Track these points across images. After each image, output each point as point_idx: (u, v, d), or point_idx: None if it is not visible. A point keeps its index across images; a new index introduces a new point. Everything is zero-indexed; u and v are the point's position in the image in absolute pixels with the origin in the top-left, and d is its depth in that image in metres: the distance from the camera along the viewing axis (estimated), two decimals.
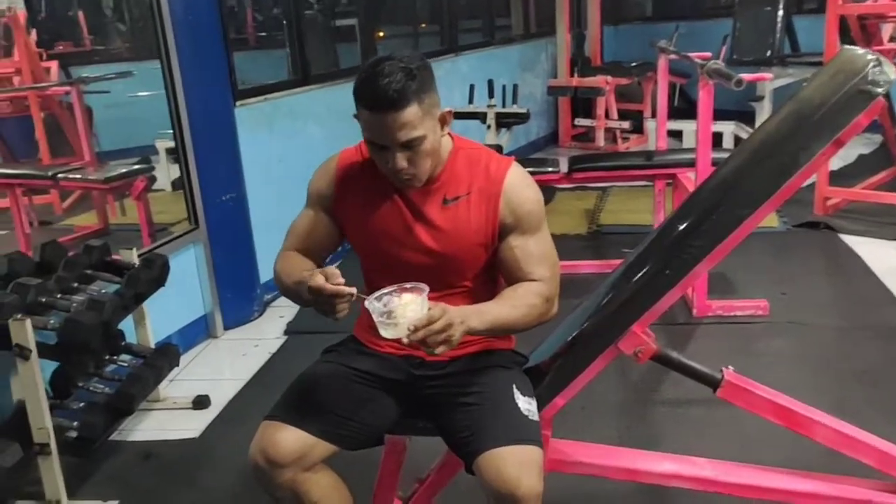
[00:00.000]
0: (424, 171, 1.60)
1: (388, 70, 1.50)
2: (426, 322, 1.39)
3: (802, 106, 1.52)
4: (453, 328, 1.41)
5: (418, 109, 1.51)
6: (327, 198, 1.73)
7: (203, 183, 3.44)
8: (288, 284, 1.62)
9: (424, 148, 1.55)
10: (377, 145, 1.55)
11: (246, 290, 3.75)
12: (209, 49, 3.46)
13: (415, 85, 1.50)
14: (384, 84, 1.48)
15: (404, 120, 1.50)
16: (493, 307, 1.57)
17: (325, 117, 4.40)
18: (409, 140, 1.52)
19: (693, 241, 1.54)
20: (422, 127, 1.53)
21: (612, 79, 6.72)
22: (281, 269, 1.68)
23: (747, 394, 1.72)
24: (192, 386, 3.11)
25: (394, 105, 1.48)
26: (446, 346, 1.42)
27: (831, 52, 4.50)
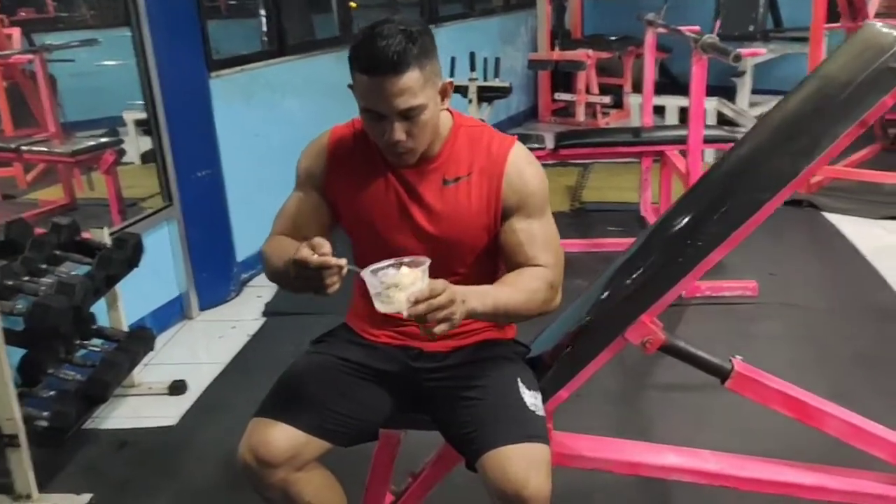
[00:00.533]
0: (422, 144, 1.50)
1: (388, 32, 1.39)
2: (428, 294, 1.28)
3: (826, 84, 1.44)
4: (455, 305, 1.31)
5: (419, 75, 1.41)
6: (318, 177, 1.61)
7: (177, 158, 3.29)
8: (277, 267, 1.50)
9: (424, 119, 1.45)
10: (373, 114, 1.44)
11: (222, 269, 3.62)
12: (182, 16, 3.30)
13: (416, 49, 1.40)
14: (383, 46, 1.37)
15: (404, 85, 1.39)
16: (495, 289, 1.47)
17: (304, 90, 4.25)
18: (409, 108, 1.42)
19: (708, 228, 1.46)
20: (422, 95, 1.42)
21: (594, 52, 6.61)
22: (270, 253, 1.56)
23: (757, 385, 1.65)
24: (167, 370, 2.99)
25: (393, 68, 1.38)
26: (447, 324, 1.31)
27: (819, 28, 4.45)
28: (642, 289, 1.53)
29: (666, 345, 1.63)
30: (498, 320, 1.59)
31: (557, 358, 1.62)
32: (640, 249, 1.65)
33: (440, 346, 1.60)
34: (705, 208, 1.49)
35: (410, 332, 1.62)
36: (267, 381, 1.67)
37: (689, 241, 1.48)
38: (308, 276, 1.32)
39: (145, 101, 3.18)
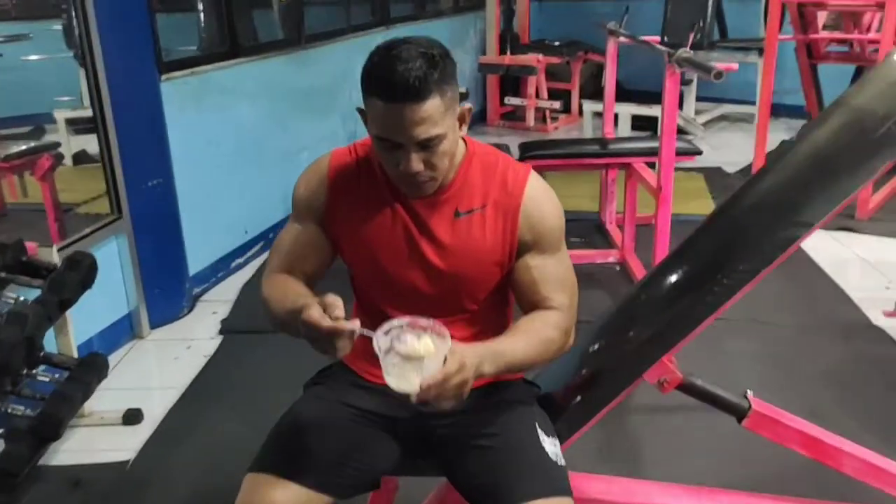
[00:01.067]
0: (442, 174, 1.39)
1: (407, 55, 1.28)
2: (442, 379, 1.19)
3: (861, 117, 1.38)
4: (467, 385, 1.23)
5: (440, 103, 1.30)
6: (318, 207, 1.49)
7: (126, 168, 3.08)
8: (279, 314, 1.38)
9: (443, 148, 1.34)
10: (389, 143, 1.33)
11: (174, 284, 3.42)
12: (131, 13, 3.09)
13: (437, 74, 1.29)
14: (403, 70, 1.26)
15: (425, 113, 1.28)
16: (509, 346, 1.36)
17: (256, 95, 4.07)
18: (429, 138, 1.31)
19: (738, 265, 1.39)
20: (443, 123, 1.32)
21: (544, 57, 6.58)
22: (269, 296, 1.42)
23: (775, 424, 1.60)
24: (120, 397, 2.78)
25: (414, 96, 1.27)
26: (455, 401, 1.23)
27: (773, 39, 4.49)
28: (667, 329, 1.45)
29: (683, 384, 1.56)
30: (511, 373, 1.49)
31: (572, 400, 1.53)
32: (656, 285, 1.57)
33: None
34: (735, 244, 1.42)
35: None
36: (227, 408, 1.54)
37: (718, 278, 1.41)
38: (316, 339, 1.22)
39: (93, 106, 2.95)
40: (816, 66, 5.21)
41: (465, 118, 1.41)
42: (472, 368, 1.23)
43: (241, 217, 3.98)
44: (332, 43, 4.91)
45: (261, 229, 4.15)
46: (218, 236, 3.80)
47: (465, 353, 1.23)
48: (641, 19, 5.86)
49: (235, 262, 3.93)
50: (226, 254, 3.86)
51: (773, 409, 1.61)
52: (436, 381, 1.18)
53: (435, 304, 1.46)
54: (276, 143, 4.23)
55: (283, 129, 4.31)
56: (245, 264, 4.00)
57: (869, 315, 3.28)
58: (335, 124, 4.93)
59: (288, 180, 4.78)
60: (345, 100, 5.04)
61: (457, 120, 1.38)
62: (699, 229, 1.59)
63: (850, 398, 2.69)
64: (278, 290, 1.41)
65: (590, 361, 1.56)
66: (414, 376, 1.20)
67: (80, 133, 3.31)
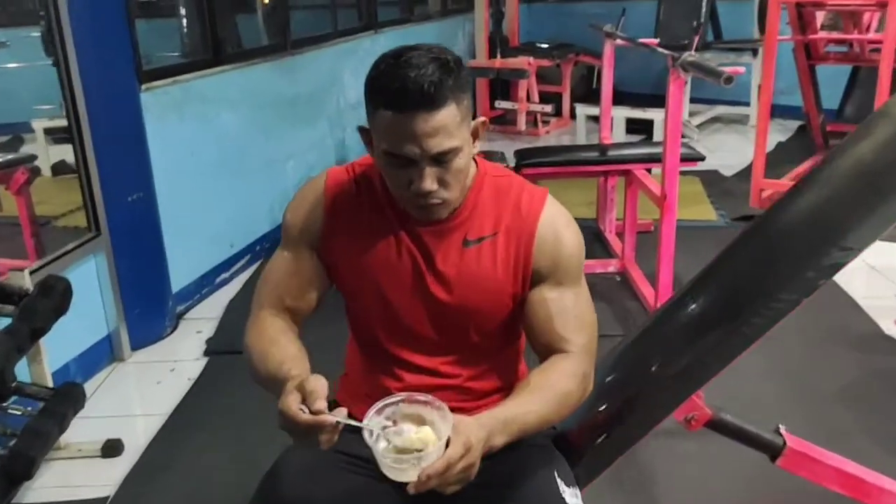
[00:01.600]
0: (456, 195, 1.26)
1: (418, 61, 1.16)
2: (444, 468, 1.04)
3: None
4: (474, 468, 1.08)
5: (456, 112, 1.18)
6: (314, 233, 1.34)
7: (105, 182, 2.92)
8: (260, 373, 1.24)
9: (459, 164, 1.21)
10: (399, 160, 1.19)
11: (156, 303, 3.26)
12: (108, 20, 2.93)
13: (452, 80, 1.17)
14: (415, 76, 1.14)
15: (439, 123, 1.16)
16: (520, 409, 1.21)
17: (241, 103, 3.92)
18: (443, 151, 1.18)
19: (780, 294, 1.26)
20: (459, 135, 1.19)
21: (534, 60, 6.45)
22: (252, 347, 1.28)
23: (812, 462, 1.47)
24: (99, 426, 2.62)
25: (429, 103, 1.15)
26: (461, 485, 1.09)
27: (772, 40, 4.38)
28: (697, 364, 1.32)
29: (712, 420, 1.43)
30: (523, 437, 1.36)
31: (591, 442, 1.39)
32: (681, 313, 1.43)
33: None
34: (774, 270, 1.28)
35: None
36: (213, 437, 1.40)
37: (756, 308, 1.27)
38: (296, 432, 1.09)
39: (69, 118, 2.79)
40: (815, 66, 5.10)
41: (480, 133, 1.27)
42: (478, 448, 1.09)
43: (226, 230, 3.82)
44: (318, 48, 4.76)
45: (247, 242, 3.99)
46: (202, 251, 3.64)
47: (470, 431, 1.08)
48: (631, 21, 5.73)
49: (221, 277, 3.78)
50: (210, 269, 3.70)
51: (809, 446, 1.48)
52: (437, 471, 1.04)
53: (440, 340, 1.33)
54: (261, 153, 4.08)
55: (268, 138, 4.16)
56: (231, 279, 3.84)
57: (881, 325, 3.17)
58: (323, 132, 4.79)
59: (275, 191, 4.63)
60: (332, 106, 4.90)
61: (471, 134, 1.24)
62: (728, 252, 1.46)
63: (871, 419, 2.57)
64: (262, 343, 1.27)
65: (609, 398, 1.42)
66: (413, 473, 1.06)
67: (59, 142, 3.14)
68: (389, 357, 1.36)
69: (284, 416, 1.08)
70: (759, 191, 4.67)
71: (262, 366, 1.23)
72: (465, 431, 1.08)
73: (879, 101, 3.99)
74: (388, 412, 1.13)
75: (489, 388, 1.40)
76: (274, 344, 1.25)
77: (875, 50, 4.75)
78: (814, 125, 5.48)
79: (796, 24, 4.69)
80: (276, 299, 1.33)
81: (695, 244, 3.83)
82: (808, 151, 5.62)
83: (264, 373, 1.22)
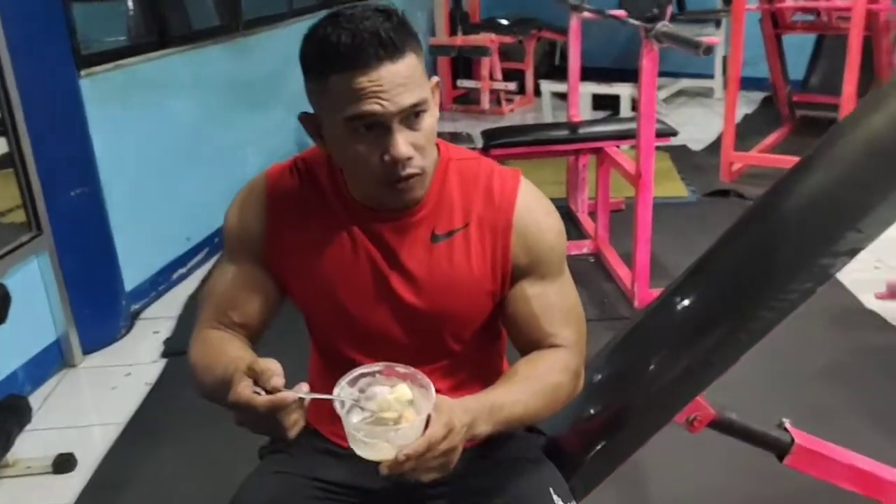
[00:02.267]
0: (430, 167, 1.12)
1: (362, 14, 1.01)
2: (424, 448, 0.92)
3: None
4: (455, 452, 0.97)
5: (417, 60, 1.05)
6: (256, 240, 1.19)
7: (44, 178, 2.71)
8: (207, 385, 1.09)
9: (430, 124, 1.07)
10: (365, 124, 1.04)
11: (107, 302, 3.07)
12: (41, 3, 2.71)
13: (406, 28, 1.04)
14: (370, 26, 1.00)
15: (406, 70, 1.02)
16: (508, 397, 1.09)
17: (192, 88, 3.72)
18: (416, 103, 1.03)
19: (791, 284, 1.14)
20: (425, 86, 1.06)
21: (497, 37, 6.29)
22: (196, 362, 1.13)
23: (821, 459, 1.37)
24: (50, 439, 2.45)
25: (391, 50, 1.01)
26: (440, 472, 0.97)
27: (740, 9, 4.29)
28: (702, 363, 1.20)
29: (716, 420, 1.32)
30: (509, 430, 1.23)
31: (587, 451, 1.27)
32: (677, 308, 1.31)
33: None
34: (784, 258, 1.17)
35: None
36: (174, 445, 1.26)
37: (765, 301, 1.16)
38: (256, 422, 0.94)
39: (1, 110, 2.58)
40: (781, 36, 5.02)
41: (437, 95, 1.12)
42: (461, 431, 0.97)
43: (181, 223, 3.63)
44: (273, 28, 4.56)
45: (205, 234, 3.80)
46: (156, 246, 3.45)
47: (453, 412, 0.96)
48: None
49: (178, 273, 3.59)
50: (166, 264, 3.51)
51: (818, 442, 1.38)
52: (416, 451, 0.92)
53: (411, 349, 1.18)
54: (217, 140, 3.88)
55: (223, 125, 3.96)
56: (189, 274, 3.65)
57: (861, 298, 3.11)
58: (280, 116, 4.59)
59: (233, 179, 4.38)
60: (290, 89, 4.69)
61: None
62: (727, 239, 1.33)
63: (857, 397, 2.50)
64: (207, 354, 1.11)
65: (604, 402, 1.29)
66: (387, 450, 0.94)
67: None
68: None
69: (238, 406, 0.93)
70: (730, 164, 4.60)
71: (210, 376, 1.08)
72: (448, 412, 0.96)
73: (850, 69, 3.92)
74: (363, 383, 1.00)
75: None
76: (221, 353, 1.09)
77: (842, 17, 4.68)
78: (780, 96, 5.43)
79: None
80: (221, 314, 1.18)
81: (667, 221, 3.74)
82: (774, 123, 5.57)
83: (212, 382, 1.06)
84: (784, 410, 2.42)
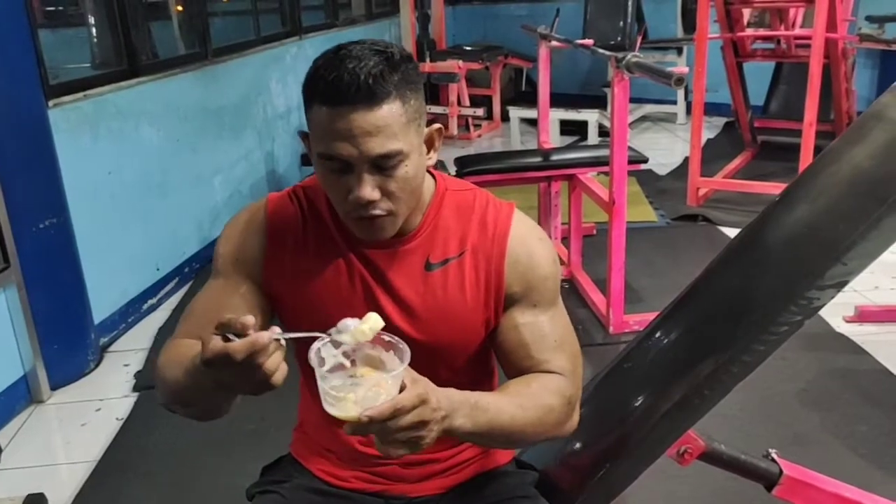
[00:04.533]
0: (403, 209, 1.10)
1: (360, 53, 1.02)
2: (389, 413, 0.89)
3: None
4: (427, 427, 0.93)
5: (401, 110, 1.03)
6: (253, 262, 1.17)
7: (12, 210, 2.66)
8: (178, 380, 1.03)
9: (405, 173, 1.06)
10: (336, 163, 1.04)
11: (76, 336, 3.00)
12: (8, 29, 2.68)
13: (398, 76, 1.03)
14: (354, 68, 1.00)
15: (380, 121, 1.01)
16: (495, 402, 1.07)
17: (161, 116, 3.68)
18: (386, 154, 1.03)
19: (780, 317, 1.15)
20: (404, 138, 1.04)
21: (464, 63, 6.35)
22: (165, 365, 1.09)
23: (810, 489, 1.38)
24: (18, 479, 2.38)
25: (367, 97, 1.00)
26: (408, 449, 0.94)
27: (703, 38, 4.38)
28: (692, 396, 1.20)
29: (706, 452, 1.32)
30: (491, 444, 1.21)
31: (584, 486, 1.26)
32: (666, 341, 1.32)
33: (428, 487, 1.22)
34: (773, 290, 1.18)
35: (390, 474, 1.22)
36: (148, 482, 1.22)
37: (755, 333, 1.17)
38: (237, 376, 0.89)
39: None
40: (742, 63, 5.14)
41: (436, 142, 1.13)
42: (436, 411, 0.94)
43: (150, 253, 3.57)
44: (241, 56, 4.54)
45: (174, 264, 3.75)
46: (125, 276, 3.39)
47: (431, 390, 0.94)
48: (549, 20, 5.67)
49: (148, 304, 3.53)
50: (136, 295, 3.45)
51: (805, 472, 1.39)
52: (381, 413, 0.89)
53: None
54: (186, 169, 3.84)
55: (193, 153, 3.92)
56: (158, 305, 3.60)
57: (830, 322, 3.16)
58: (250, 143, 4.57)
59: (202, 208, 4.35)
60: (259, 116, 4.68)
61: (424, 142, 1.10)
62: (713, 269, 1.35)
63: (832, 421, 2.54)
64: (179, 353, 1.07)
65: (595, 435, 1.29)
66: (350, 407, 0.91)
67: None
68: None
69: (214, 360, 0.88)
70: (696, 189, 4.68)
71: (176, 364, 1.04)
72: (424, 387, 0.93)
73: (811, 95, 4.02)
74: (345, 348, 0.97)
75: None
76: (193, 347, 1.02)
77: (801, 46, 4.81)
78: (742, 122, 5.55)
79: (724, 22, 4.72)
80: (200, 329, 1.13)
81: (638, 245, 3.79)
82: (737, 148, 5.69)
83: (181, 373, 1.01)
84: (762, 435, 2.47)
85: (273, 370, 0.89)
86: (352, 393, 0.92)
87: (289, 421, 1.37)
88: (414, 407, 0.91)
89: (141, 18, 3.88)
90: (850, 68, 5.11)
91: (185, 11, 4.31)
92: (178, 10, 4.40)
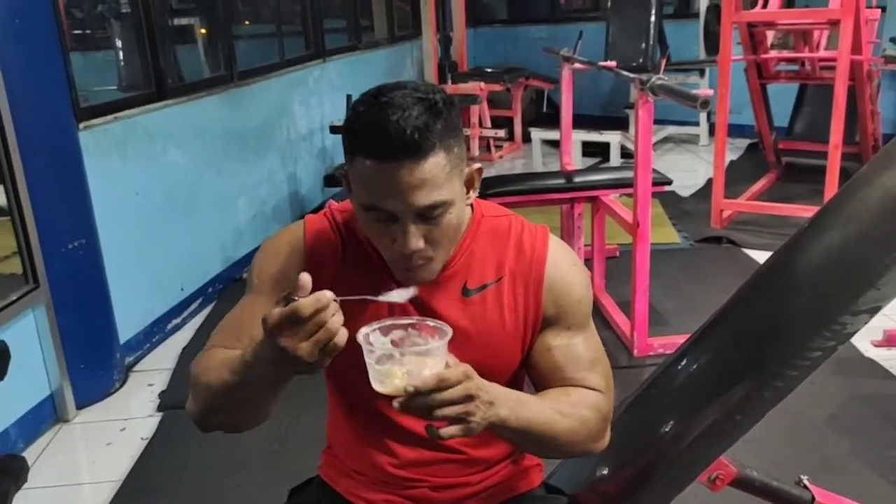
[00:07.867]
0: (444, 255, 1.12)
1: (402, 101, 1.01)
2: (434, 384, 0.91)
3: None
4: (475, 404, 0.95)
5: (445, 160, 1.03)
6: (292, 281, 1.18)
7: (43, 230, 2.70)
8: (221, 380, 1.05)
9: (449, 220, 1.07)
10: (381, 214, 1.05)
11: (102, 356, 3.03)
12: (41, 53, 2.73)
13: (440, 124, 1.02)
14: (398, 120, 1.00)
15: (426, 174, 1.02)
16: (536, 402, 1.09)
17: (187, 139, 3.72)
18: (431, 205, 1.03)
19: (813, 342, 1.14)
20: (449, 188, 1.05)
21: (486, 85, 6.38)
22: (202, 370, 1.10)
23: None
24: (43, 498, 2.40)
25: (413, 152, 1.00)
26: (460, 427, 0.95)
27: (726, 60, 4.37)
28: (725, 422, 1.19)
29: (738, 478, 1.31)
30: (526, 447, 1.21)
31: None
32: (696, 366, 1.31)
33: None
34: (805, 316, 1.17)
35: (420, 497, 1.21)
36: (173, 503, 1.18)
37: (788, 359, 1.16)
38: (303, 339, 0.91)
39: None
40: (766, 85, 5.12)
41: (475, 182, 1.13)
42: (481, 390, 0.96)
43: (175, 273, 3.60)
44: (266, 79, 4.59)
45: (198, 284, 3.78)
46: (151, 297, 3.42)
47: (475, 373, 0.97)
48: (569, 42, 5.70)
49: (172, 324, 3.55)
50: (161, 315, 3.48)
51: (838, 500, 1.36)
52: (426, 384, 0.91)
53: None
54: (211, 190, 3.88)
55: (217, 174, 3.96)
56: (183, 324, 3.62)
57: (859, 347, 3.12)
58: (274, 165, 4.61)
59: (226, 229, 4.37)
60: (283, 138, 4.73)
61: (464, 185, 1.10)
62: (743, 294, 1.34)
63: (862, 446, 2.49)
64: (213, 360, 1.08)
65: (625, 460, 1.28)
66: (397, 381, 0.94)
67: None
68: (380, 422, 1.20)
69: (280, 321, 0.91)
70: (720, 211, 4.65)
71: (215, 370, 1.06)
72: (469, 368, 0.96)
73: (837, 118, 4.00)
74: (396, 335, 1.01)
75: (498, 455, 1.25)
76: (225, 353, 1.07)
77: (825, 68, 4.79)
78: (766, 143, 5.52)
79: (748, 44, 4.71)
80: (234, 341, 1.13)
81: (662, 268, 3.76)
82: (760, 169, 5.66)
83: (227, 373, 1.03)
84: (791, 461, 2.43)
85: (336, 329, 0.92)
86: (398, 368, 0.94)
87: (312, 442, 1.37)
88: (459, 381, 0.93)
89: (168, 42, 3.95)
90: (875, 90, 5.07)
91: (211, 35, 4.38)
92: (202, 33, 4.47)
